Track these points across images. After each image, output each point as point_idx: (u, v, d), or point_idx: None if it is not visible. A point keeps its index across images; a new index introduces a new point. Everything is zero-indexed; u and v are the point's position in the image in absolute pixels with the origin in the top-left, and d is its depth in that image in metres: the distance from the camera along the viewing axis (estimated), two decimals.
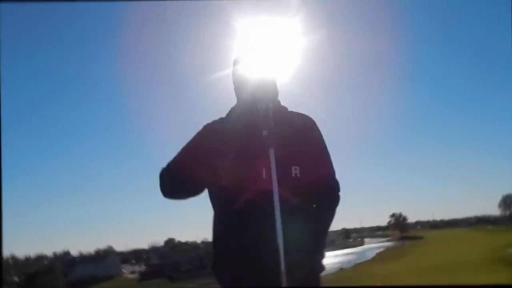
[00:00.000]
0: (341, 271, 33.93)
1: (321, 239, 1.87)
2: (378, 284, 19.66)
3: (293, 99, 2.11)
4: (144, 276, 59.55)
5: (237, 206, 1.77)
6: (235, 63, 2.00)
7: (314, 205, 1.85)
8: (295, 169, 1.81)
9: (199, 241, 65.88)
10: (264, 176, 1.76)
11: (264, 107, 1.74)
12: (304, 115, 2.00)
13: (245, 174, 1.78)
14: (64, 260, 62.34)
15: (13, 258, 53.46)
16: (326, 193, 1.92)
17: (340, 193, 1.95)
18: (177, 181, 1.90)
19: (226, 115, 2.00)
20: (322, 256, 1.86)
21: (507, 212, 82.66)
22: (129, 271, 65.19)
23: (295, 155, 1.81)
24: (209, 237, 1.90)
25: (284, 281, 1.57)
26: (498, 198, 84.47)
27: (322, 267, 1.87)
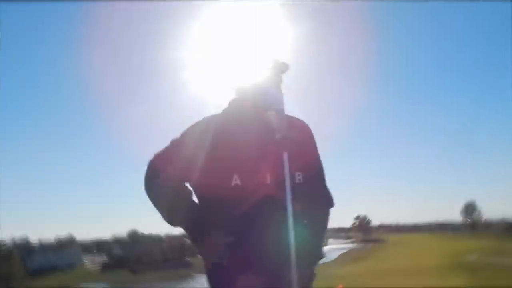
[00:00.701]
0: None
1: (321, 246, 1.89)
2: (340, 286, 19.80)
3: None
4: (105, 267, 58.64)
5: (239, 212, 1.72)
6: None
7: (313, 212, 1.85)
8: (299, 175, 1.78)
9: (162, 234, 65.24)
10: (268, 181, 1.73)
11: (279, 109, 1.69)
12: (301, 120, 1.96)
13: (250, 179, 1.73)
14: (23, 248, 60.79)
15: None
16: (324, 201, 1.96)
17: (334, 201, 1.99)
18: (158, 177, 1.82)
19: (224, 111, 1.90)
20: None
21: (468, 220, 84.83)
22: (90, 261, 64.16)
23: (298, 160, 1.75)
24: (174, 231, 1.80)
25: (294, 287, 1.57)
26: (460, 205, 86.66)
27: (315, 273, 1.87)
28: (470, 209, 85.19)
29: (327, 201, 1.97)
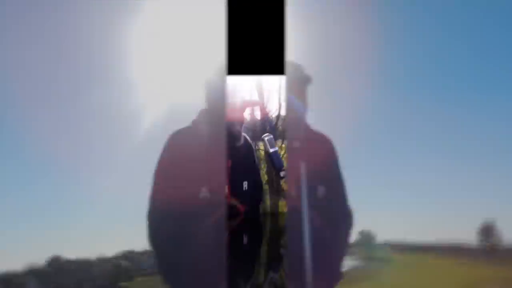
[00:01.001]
0: None
1: (341, 267, 1.90)
2: None
3: None
4: None
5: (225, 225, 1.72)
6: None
7: (335, 229, 1.85)
8: (321, 189, 1.80)
9: (93, 257, 57.94)
10: (294, 192, 1.73)
11: (298, 116, 1.73)
12: (322, 133, 1.94)
13: (219, 191, 1.71)
14: None
15: None
16: (346, 218, 1.93)
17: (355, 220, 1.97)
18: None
19: (194, 122, 1.84)
20: None
21: (487, 242, 79.53)
22: None
23: (321, 173, 1.77)
24: (107, 253, 1.15)
25: None
26: (477, 226, 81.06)
27: None
28: (488, 230, 79.04)
29: (350, 221, 1.94)
